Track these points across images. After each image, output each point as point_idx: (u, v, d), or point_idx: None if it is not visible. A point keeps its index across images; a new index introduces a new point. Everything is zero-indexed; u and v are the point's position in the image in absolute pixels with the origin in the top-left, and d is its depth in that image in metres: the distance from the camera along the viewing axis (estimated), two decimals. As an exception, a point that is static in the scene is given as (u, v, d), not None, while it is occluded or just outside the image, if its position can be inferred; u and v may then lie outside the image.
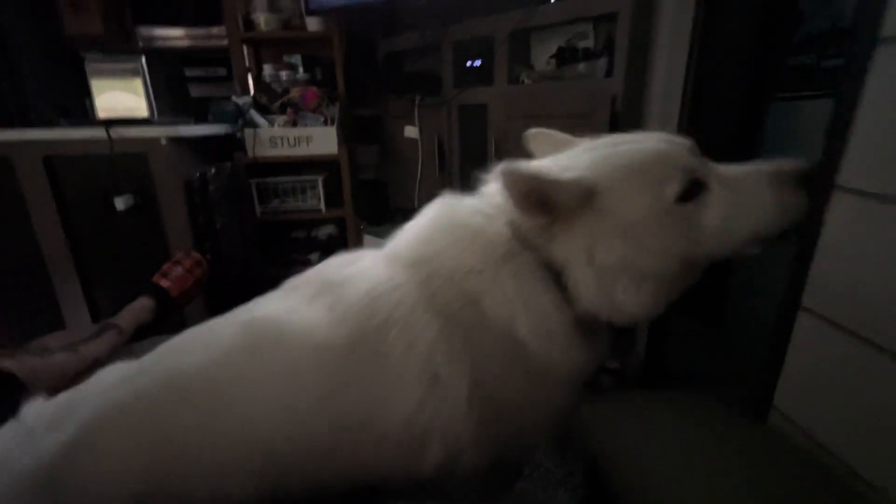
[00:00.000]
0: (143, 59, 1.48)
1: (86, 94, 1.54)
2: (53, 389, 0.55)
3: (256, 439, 0.46)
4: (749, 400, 0.55)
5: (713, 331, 1.27)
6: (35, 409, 0.49)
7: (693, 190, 0.47)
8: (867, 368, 0.46)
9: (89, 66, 1.46)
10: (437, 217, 0.56)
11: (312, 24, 1.88)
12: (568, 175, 0.47)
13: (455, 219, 0.54)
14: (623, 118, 1.27)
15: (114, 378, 0.50)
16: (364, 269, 0.53)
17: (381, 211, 2.04)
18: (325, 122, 1.83)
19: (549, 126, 1.67)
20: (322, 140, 1.81)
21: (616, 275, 0.47)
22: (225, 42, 2.13)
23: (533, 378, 0.50)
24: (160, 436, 0.45)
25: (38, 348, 0.89)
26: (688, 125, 1.13)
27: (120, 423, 0.45)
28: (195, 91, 2.60)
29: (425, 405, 0.47)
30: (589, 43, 1.43)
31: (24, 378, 0.78)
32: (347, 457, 0.48)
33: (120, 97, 1.53)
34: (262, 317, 0.51)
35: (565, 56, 1.45)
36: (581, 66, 1.39)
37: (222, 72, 2.70)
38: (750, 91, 1.10)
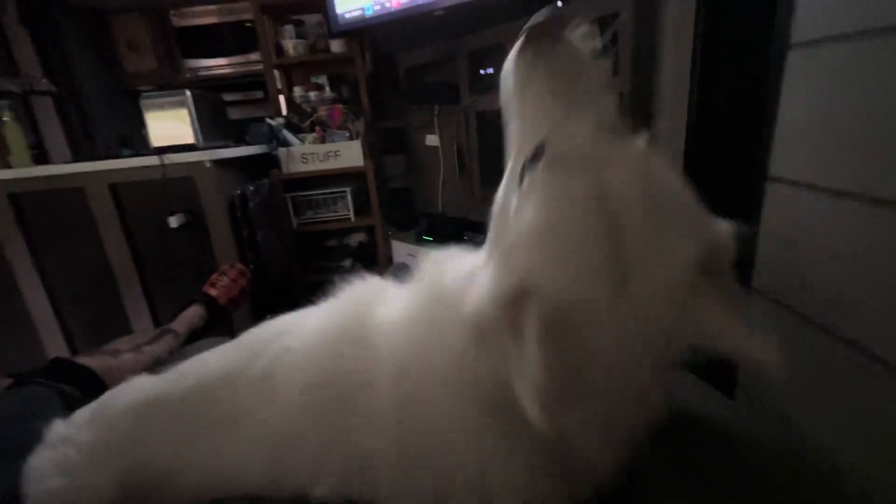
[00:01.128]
0: (189, 93, 1.65)
1: (143, 124, 1.73)
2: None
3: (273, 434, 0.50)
4: (719, 377, 0.58)
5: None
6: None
7: None
8: (813, 348, 0.49)
9: (143, 102, 1.65)
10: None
11: (336, 45, 2.01)
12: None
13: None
14: (631, 115, 1.30)
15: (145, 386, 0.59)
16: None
17: (408, 216, 2.14)
18: (351, 137, 1.95)
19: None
20: (349, 154, 1.93)
21: None
22: (262, 66, 2.31)
23: None
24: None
25: (110, 350, 1.04)
26: (697, 117, 1.14)
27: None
28: (235, 114, 2.82)
29: None
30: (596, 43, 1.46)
31: (102, 374, 0.92)
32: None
33: (170, 126, 1.71)
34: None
35: (574, 58, 1.49)
36: (589, 67, 1.43)
37: (259, 94, 2.92)
38: (761, 77, 1.10)
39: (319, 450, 0.48)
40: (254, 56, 2.81)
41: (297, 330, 0.55)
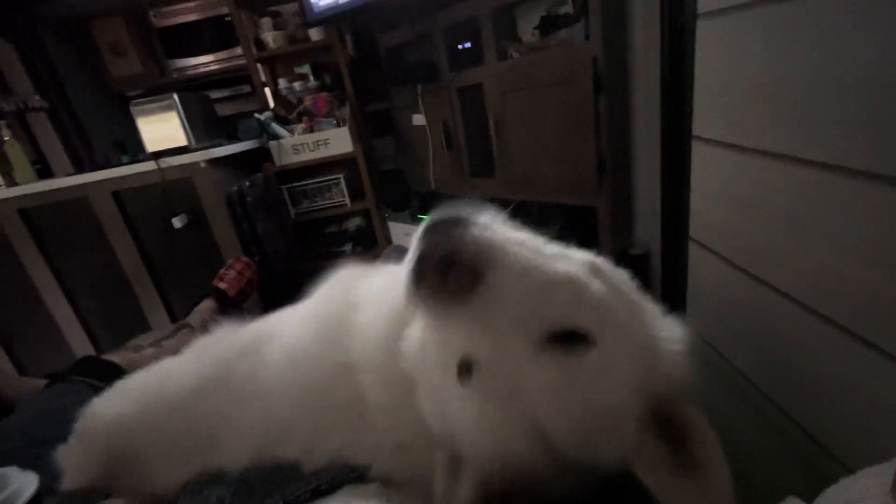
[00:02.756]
0: (176, 96, 1.69)
1: (136, 129, 1.78)
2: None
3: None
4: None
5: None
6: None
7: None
8: (747, 295, 0.53)
9: (134, 109, 1.70)
10: None
11: (315, 33, 2.02)
12: None
13: None
14: (606, 78, 1.32)
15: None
16: None
17: (402, 197, 2.19)
18: (338, 124, 1.99)
19: (538, 95, 1.72)
20: (338, 141, 1.97)
21: None
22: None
23: None
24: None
25: (133, 346, 1.13)
26: (672, 74, 1.15)
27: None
28: (225, 110, 2.85)
29: None
30: (568, 8, 1.46)
31: (127, 369, 1.01)
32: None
33: (162, 130, 1.76)
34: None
35: (548, 25, 1.50)
36: (563, 33, 1.44)
37: (247, 89, 2.93)
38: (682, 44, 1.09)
39: (307, 444, 0.51)
40: (238, 50, 2.81)
41: (278, 337, 0.58)
